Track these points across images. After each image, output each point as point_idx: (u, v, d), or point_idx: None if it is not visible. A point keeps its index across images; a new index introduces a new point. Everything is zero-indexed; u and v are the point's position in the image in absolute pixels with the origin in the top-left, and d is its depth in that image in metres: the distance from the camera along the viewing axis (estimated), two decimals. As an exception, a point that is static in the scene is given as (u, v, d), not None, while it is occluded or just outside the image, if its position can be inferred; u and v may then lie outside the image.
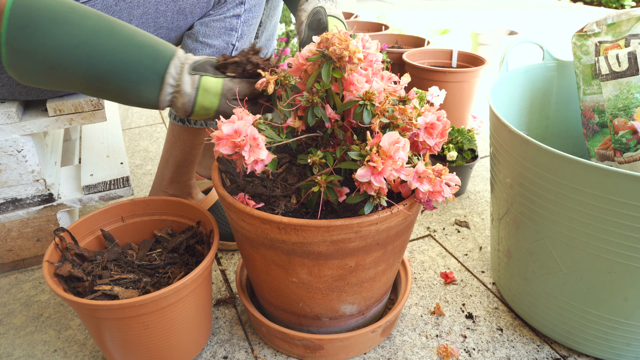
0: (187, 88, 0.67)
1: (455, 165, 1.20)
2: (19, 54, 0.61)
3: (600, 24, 0.87)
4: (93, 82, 0.65)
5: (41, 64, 0.62)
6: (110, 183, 0.98)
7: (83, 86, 0.66)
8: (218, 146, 0.57)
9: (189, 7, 0.81)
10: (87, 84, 0.65)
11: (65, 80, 0.64)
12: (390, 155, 0.56)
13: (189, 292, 0.68)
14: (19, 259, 0.97)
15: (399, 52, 1.70)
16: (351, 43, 0.61)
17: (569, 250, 0.70)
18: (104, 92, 0.67)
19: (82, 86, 0.66)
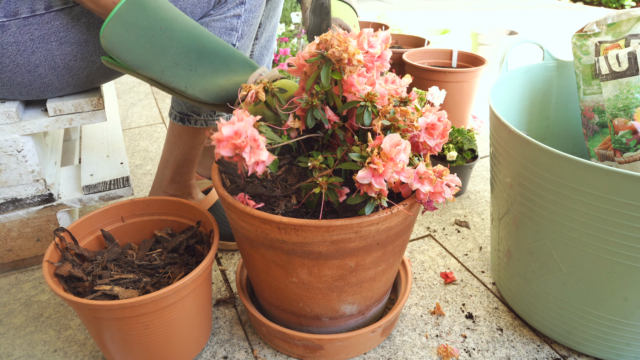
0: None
1: (455, 165, 1.20)
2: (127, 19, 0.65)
3: (600, 24, 0.87)
4: (191, 54, 0.70)
5: (148, 28, 0.67)
6: (110, 183, 0.98)
7: (176, 57, 0.69)
8: (218, 148, 0.57)
9: (189, 7, 0.81)
10: (184, 55, 0.69)
11: (161, 47, 0.68)
12: (392, 158, 0.56)
13: (189, 292, 0.68)
14: (19, 259, 0.97)
15: (399, 52, 1.70)
16: (350, 44, 0.61)
17: (569, 250, 0.70)
18: (192, 69, 0.71)
19: (175, 57, 0.69)
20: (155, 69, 0.69)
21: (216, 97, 0.74)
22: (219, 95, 0.74)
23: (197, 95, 0.72)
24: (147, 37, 0.67)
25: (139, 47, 0.67)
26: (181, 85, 0.71)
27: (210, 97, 0.73)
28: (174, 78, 0.71)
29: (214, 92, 0.73)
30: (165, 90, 0.74)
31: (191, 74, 0.71)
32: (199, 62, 0.71)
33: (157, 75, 0.69)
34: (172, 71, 0.70)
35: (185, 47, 0.70)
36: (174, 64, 0.70)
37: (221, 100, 0.74)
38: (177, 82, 0.71)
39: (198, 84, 0.72)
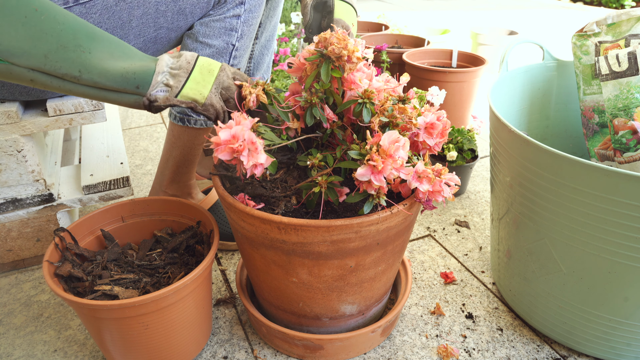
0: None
1: (455, 165, 1.20)
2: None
3: (600, 24, 0.87)
4: (79, 35, 0.59)
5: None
6: (110, 183, 0.98)
7: (61, 39, 0.58)
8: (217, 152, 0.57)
9: (189, 8, 0.81)
10: (71, 36, 0.59)
11: (40, 28, 0.56)
12: (390, 154, 0.56)
13: (189, 292, 0.68)
14: (19, 259, 0.97)
15: (399, 52, 1.70)
16: (350, 42, 0.61)
17: (569, 250, 0.70)
18: (84, 50, 0.60)
19: (60, 39, 0.58)
20: (36, 54, 0.56)
21: (122, 79, 0.61)
22: (126, 77, 0.62)
23: (95, 78, 0.60)
24: (18, 16, 0.55)
25: (9, 26, 0.54)
26: (74, 70, 0.59)
27: (113, 81, 0.61)
28: (63, 62, 0.58)
29: (118, 75, 0.61)
30: (53, 87, 0.60)
31: (84, 56, 0.59)
32: (92, 44, 0.60)
33: (40, 61, 0.57)
34: (58, 54, 0.58)
35: (72, 28, 0.59)
36: (60, 45, 0.58)
37: (128, 84, 0.62)
38: (67, 67, 0.59)
39: (95, 66, 0.60)
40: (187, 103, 0.64)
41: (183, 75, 0.64)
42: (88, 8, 0.73)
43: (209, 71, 0.65)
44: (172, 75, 0.64)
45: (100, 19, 0.75)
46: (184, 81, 0.64)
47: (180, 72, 0.64)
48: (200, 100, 0.64)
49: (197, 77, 0.64)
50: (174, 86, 0.63)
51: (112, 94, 0.63)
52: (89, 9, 0.74)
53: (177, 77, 0.64)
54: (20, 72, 0.57)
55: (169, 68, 0.64)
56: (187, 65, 0.64)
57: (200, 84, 0.64)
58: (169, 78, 0.64)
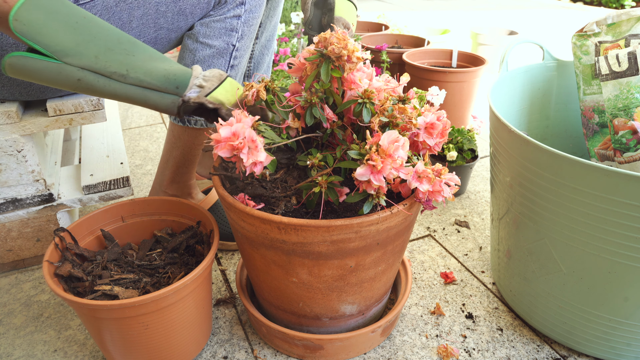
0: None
1: (455, 165, 1.20)
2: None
3: (600, 24, 0.87)
4: (123, 41, 0.65)
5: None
6: (110, 183, 0.98)
7: (108, 42, 0.64)
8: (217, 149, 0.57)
9: (189, 8, 0.81)
10: (116, 41, 0.65)
11: (90, 32, 0.63)
12: (390, 154, 0.56)
13: (189, 292, 0.68)
14: (19, 259, 0.97)
15: (399, 52, 1.70)
16: (349, 42, 0.61)
17: (569, 250, 0.70)
18: (128, 54, 0.66)
19: (107, 42, 0.64)
20: (87, 54, 0.62)
21: (164, 79, 0.67)
22: (168, 77, 0.67)
23: (141, 77, 0.65)
24: (71, 22, 0.61)
25: (65, 30, 0.60)
26: (122, 69, 0.64)
27: (157, 80, 0.66)
28: (112, 62, 0.64)
29: (161, 75, 0.67)
30: (98, 87, 0.65)
31: (129, 58, 0.65)
32: (135, 48, 0.66)
33: (91, 60, 0.62)
34: (107, 55, 0.63)
35: (116, 35, 0.65)
36: (107, 48, 0.64)
37: (170, 83, 0.67)
38: (116, 66, 0.64)
39: (140, 66, 0.65)
40: (214, 104, 0.68)
41: (216, 82, 0.69)
42: (88, 9, 0.73)
43: (238, 88, 0.71)
44: (205, 80, 0.68)
45: None
46: (216, 85, 0.69)
47: (214, 79, 0.69)
48: (226, 103, 0.69)
49: (228, 87, 0.69)
50: (207, 87, 0.68)
51: (154, 93, 0.67)
52: (89, 10, 0.74)
53: (210, 81, 0.68)
54: (70, 71, 0.62)
55: (203, 75, 0.69)
56: (219, 75, 0.69)
57: (230, 93, 0.69)
58: (202, 82, 0.68)
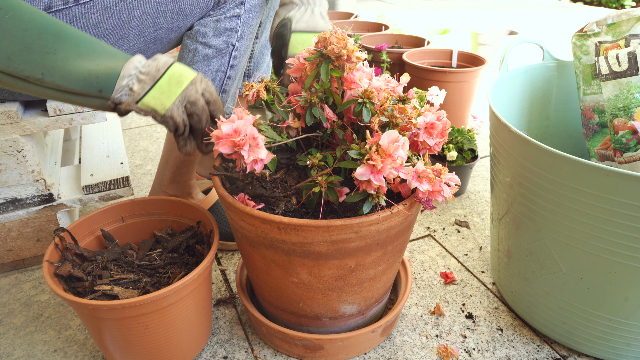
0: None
1: (455, 165, 1.20)
2: None
3: (600, 24, 0.87)
4: (45, 35, 0.58)
5: None
6: (110, 183, 0.98)
7: (26, 39, 0.58)
8: (217, 145, 0.57)
9: (188, 8, 0.81)
10: (36, 36, 0.58)
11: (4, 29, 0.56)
12: (390, 154, 0.56)
13: (189, 292, 0.68)
14: (19, 259, 0.97)
15: (399, 52, 1.70)
16: (349, 42, 0.61)
17: (569, 250, 0.70)
18: (48, 52, 0.59)
19: (25, 39, 0.58)
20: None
21: (84, 83, 0.60)
22: (88, 81, 0.60)
23: (57, 82, 0.59)
24: None
25: None
26: (36, 73, 0.58)
27: (76, 84, 0.59)
28: (26, 65, 0.57)
29: (81, 78, 0.59)
30: (19, 89, 0.60)
31: (48, 57, 0.58)
32: (57, 44, 0.58)
33: (3, 63, 0.56)
34: (22, 56, 0.57)
35: (38, 27, 0.57)
36: (24, 47, 0.57)
37: (91, 87, 0.60)
38: (30, 69, 0.57)
39: (58, 68, 0.59)
40: (146, 111, 0.62)
41: (149, 83, 0.62)
42: (88, 8, 0.73)
43: (178, 82, 0.63)
44: (139, 80, 0.62)
45: (100, 19, 0.75)
46: (148, 89, 0.62)
47: (147, 78, 0.62)
48: (160, 111, 0.62)
49: (164, 86, 0.62)
50: (137, 92, 0.61)
51: (76, 97, 0.61)
52: (89, 9, 0.74)
53: (142, 83, 0.62)
54: None
55: (138, 71, 0.62)
56: (155, 72, 0.62)
57: (165, 94, 0.62)
58: (134, 82, 0.62)
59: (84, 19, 0.75)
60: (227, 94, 0.91)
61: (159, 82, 0.62)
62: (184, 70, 0.64)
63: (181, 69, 0.64)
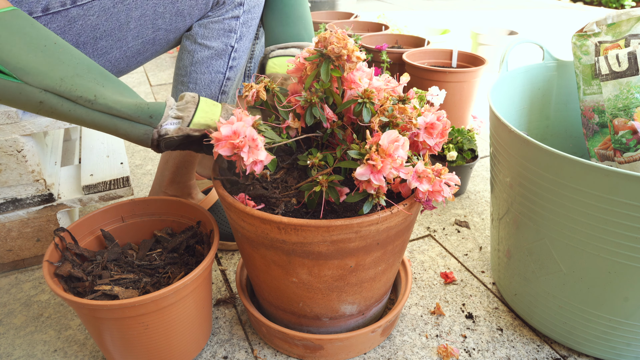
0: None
1: (455, 165, 1.20)
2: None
3: (600, 24, 0.87)
4: (93, 71, 0.62)
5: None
6: (110, 183, 0.98)
7: (77, 69, 0.61)
8: (217, 147, 0.57)
9: (187, 9, 0.81)
10: (86, 69, 0.61)
11: (58, 57, 0.60)
12: (390, 154, 0.56)
13: (189, 292, 0.68)
14: (19, 259, 0.97)
15: (399, 52, 1.70)
16: (349, 42, 0.61)
17: (569, 250, 0.70)
18: (98, 83, 0.62)
19: (77, 69, 0.61)
20: (52, 75, 0.58)
21: (136, 108, 0.63)
22: (139, 106, 0.64)
23: (110, 104, 0.61)
24: (38, 45, 0.58)
25: (29, 50, 0.57)
26: (89, 93, 0.60)
27: (129, 108, 0.63)
28: (79, 86, 0.60)
29: (133, 103, 0.63)
30: (62, 112, 0.61)
31: (99, 86, 0.61)
32: (105, 80, 0.63)
33: (55, 82, 0.59)
34: (74, 80, 0.60)
35: (87, 64, 0.62)
36: (75, 74, 0.60)
37: (143, 112, 0.64)
38: (82, 90, 0.60)
39: (110, 94, 0.62)
40: (200, 130, 0.66)
41: (191, 108, 0.66)
42: (86, 10, 0.73)
43: (214, 104, 0.68)
44: (181, 110, 0.66)
45: (98, 21, 0.75)
46: (193, 111, 0.66)
47: (188, 105, 0.66)
48: (212, 125, 0.66)
49: (205, 107, 0.67)
50: (185, 116, 0.65)
51: (124, 122, 0.64)
52: (87, 11, 0.73)
53: (186, 110, 0.66)
54: (31, 92, 0.58)
55: (176, 105, 0.67)
56: (192, 99, 0.67)
57: (209, 113, 0.66)
58: (178, 112, 0.66)
59: (81, 21, 0.75)
60: (227, 95, 0.91)
61: (200, 105, 0.67)
62: (211, 99, 0.71)
63: (209, 99, 0.71)
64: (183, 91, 0.88)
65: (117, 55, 0.80)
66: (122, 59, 0.82)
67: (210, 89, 0.88)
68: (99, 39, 0.76)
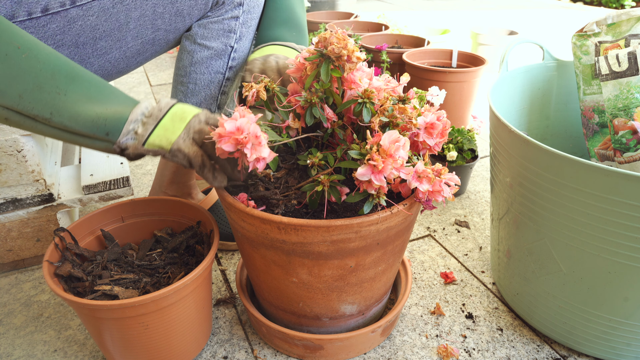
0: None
1: (455, 165, 1.20)
2: None
3: (600, 24, 0.87)
4: (58, 76, 0.59)
5: None
6: (110, 183, 0.98)
7: (39, 78, 0.58)
8: (220, 143, 0.57)
9: (186, 9, 0.80)
10: (49, 76, 0.58)
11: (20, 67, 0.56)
12: (391, 154, 0.56)
13: (189, 292, 0.68)
14: (19, 259, 0.97)
15: (399, 52, 1.70)
16: (349, 42, 0.61)
17: (569, 250, 0.70)
18: (59, 92, 0.59)
19: (38, 78, 0.58)
20: (11, 93, 0.56)
21: (92, 125, 0.60)
22: (96, 123, 0.60)
23: (65, 123, 0.59)
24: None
25: None
26: (45, 112, 0.58)
27: (83, 126, 0.60)
28: (36, 103, 0.57)
29: (89, 120, 0.60)
30: (26, 127, 0.60)
31: (59, 98, 0.58)
32: (69, 86, 0.59)
33: (14, 100, 0.56)
34: (33, 95, 0.57)
35: (52, 68, 0.58)
36: (36, 86, 0.57)
37: (98, 130, 0.61)
38: (39, 108, 0.58)
39: (67, 109, 0.59)
40: (154, 151, 0.63)
41: (152, 124, 0.62)
42: (85, 10, 0.73)
43: (181, 119, 0.63)
44: (143, 124, 0.62)
45: (97, 21, 0.75)
46: (151, 129, 0.62)
47: (150, 119, 0.62)
48: (166, 146, 0.62)
49: (167, 124, 0.62)
50: (141, 134, 0.62)
51: (82, 138, 0.62)
52: (86, 12, 0.73)
53: (145, 126, 0.62)
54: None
55: (143, 116, 0.63)
56: (158, 113, 0.63)
57: (169, 131, 0.62)
58: (139, 126, 0.62)
59: (81, 21, 0.74)
60: (226, 95, 0.91)
61: (162, 121, 0.62)
62: (187, 107, 0.64)
63: (184, 107, 0.64)
64: (183, 91, 0.88)
65: (117, 55, 0.80)
66: (121, 59, 0.82)
67: (209, 89, 0.88)
68: (99, 40, 0.76)
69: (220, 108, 0.92)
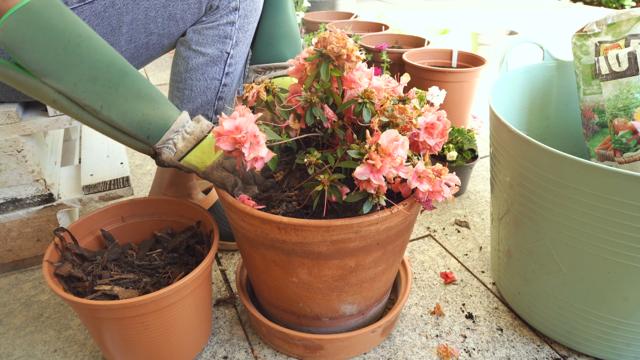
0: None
1: (455, 165, 1.20)
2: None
3: (600, 24, 0.87)
4: (112, 69, 0.61)
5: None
6: (110, 183, 0.98)
7: (95, 70, 0.60)
8: (218, 142, 0.57)
9: (179, 13, 0.79)
10: (104, 68, 0.61)
11: (79, 56, 0.58)
12: (389, 153, 0.56)
13: (189, 292, 0.68)
14: (19, 259, 0.97)
15: (399, 52, 1.70)
16: (348, 41, 0.61)
17: (569, 250, 0.70)
18: (112, 86, 0.62)
19: (94, 70, 0.60)
20: (67, 80, 0.58)
21: (137, 126, 0.63)
22: (140, 125, 0.63)
23: (113, 118, 0.62)
24: (61, 41, 0.57)
25: (50, 50, 0.56)
26: (96, 104, 0.61)
27: (129, 125, 0.63)
28: (89, 94, 0.60)
29: (135, 120, 0.63)
30: (71, 113, 0.62)
31: (110, 92, 0.61)
32: (121, 80, 0.61)
33: (68, 87, 0.59)
34: (86, 85, 0.59)
35: (108, 60, 0.60)
36: (90, 77, 0.59)
37: (141, 132, 0.64)
38: (91, 99, 0.60)
39: (117, 105, 0.62)
40: (188, 168, 0.67)
41: (192, 142, 0.66)
42: (77, 14, 0.72)
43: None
44: (184, 138, 0.66)
45: (90, 25, 0.74)
46: (191, 147, 0.66)
47: (191, 137, 0.66)
48: (200, 168, 0.67)
49: (205, 148, 0.67)
50: (180, 150, 0.66)
51: (123, 135, 0.65)
52: (78, 15, 0.72)
53: (186, 142, 0.66)
54: (46, 92, 0.59)
55: (184, 129, 0.66)
56: (200, 133, 0.67)
57: (206, 154, 0.67)
58: (179, 140, 0.66)
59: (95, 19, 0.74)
60: (223, 101, 0.90)
61: (202, 143, 0.67)
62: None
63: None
64: (179, 97, 0.87)
65: None
66: None
67: (206, 95, 0.87)
68: None
69: (217, 113, 0.91)
